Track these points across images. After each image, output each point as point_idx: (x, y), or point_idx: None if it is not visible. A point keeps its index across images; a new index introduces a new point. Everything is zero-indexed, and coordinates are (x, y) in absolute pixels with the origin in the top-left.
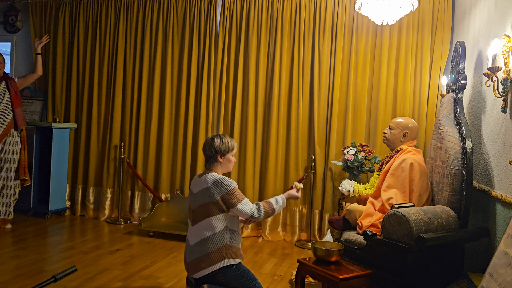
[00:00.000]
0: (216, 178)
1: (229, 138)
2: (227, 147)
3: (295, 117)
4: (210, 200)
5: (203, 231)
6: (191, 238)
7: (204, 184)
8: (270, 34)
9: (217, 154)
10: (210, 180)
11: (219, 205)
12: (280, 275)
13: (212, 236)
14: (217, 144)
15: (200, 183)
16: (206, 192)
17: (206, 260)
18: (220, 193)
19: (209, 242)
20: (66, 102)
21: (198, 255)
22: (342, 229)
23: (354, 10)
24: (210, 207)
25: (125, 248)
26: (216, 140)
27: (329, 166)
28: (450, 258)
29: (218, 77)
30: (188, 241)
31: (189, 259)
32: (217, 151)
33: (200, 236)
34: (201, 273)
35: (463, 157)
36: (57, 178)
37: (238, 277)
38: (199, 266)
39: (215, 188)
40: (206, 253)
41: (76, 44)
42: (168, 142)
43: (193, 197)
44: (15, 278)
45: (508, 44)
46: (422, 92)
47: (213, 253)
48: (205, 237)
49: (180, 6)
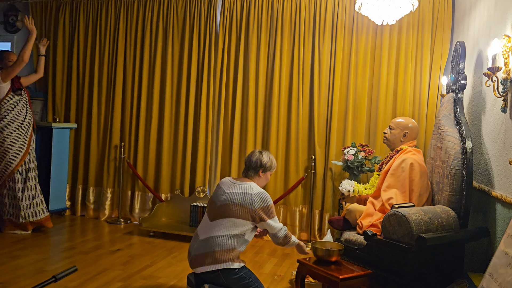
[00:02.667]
0: (260, 190)
1: (273, 158)
2: (271, 166)
3: (295, 117)
4: (247, 205)
5: (220, 228)
6: (203, 233)
7: (248, 189)
8: (270, 34)
9: (261, 169)
10: (255, 189)
11: (253, 214)
12: (280, 275)
13: (226, 236)
14: (265, 160)
15: (238, 186)
16: (248, 197)
17: (211, 258)
18: (260, 205)
19: (221, 241)
20: (66, 102)
21: (205, 250)
22: (342, 229)
23: (354, 10)
24: (243, 210)
25: (125, 248)
26: (265, 156)
27: (329, 166)
28: (450, 258)
29: (218, 77)
30: (198, 235)
31: (195, 253)
32: (262, 166)
33: (214, 232)
34: (203, 269)
35: (463, 157)
36: (57, 178)
37: (240, 279)
38: (203, 262)
39: (257, 198)
40: (213, 250)
41: (76, 44)
42: (168, 142)
43: (224, 195)
44: (15, 278)
45: (508, 44)
46: (422, 92)
47: (220, 252)
48: (219, 235)
49: (180, 6)
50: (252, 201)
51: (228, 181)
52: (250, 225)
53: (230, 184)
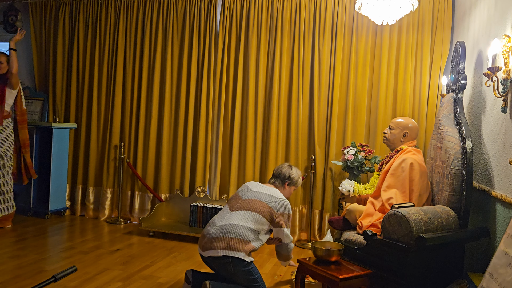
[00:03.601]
0: (284, 197)
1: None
2: (297, 182)
3: (295, 117)
4: (271, 205)
5: (240, 219)
6: (221, 220)
7: (274, 193)
8: (270, 34)
9: (287, 181)
10: (280, 195)
11: (274, 217)
12: (280, 275)
13: (245, 228)
14: (294, 175)
15: (265, 189)
16: (273, 199)
17: (226, 243)
18: (282, 211)
19: (239, 230)
20: (66, 102)
21: (221, 235)
22: (342, 229)
23: (354, 10)
24: (266, 209)
25: (125, 248)
26: (294, 171)
27: (329, 166)
28: (450, 258)
29: (218, 77)
30: (215, 222)
31: (210, 236)
32: (290, 179)
33: (234, 221)
34: (215, 252)
35: (463, 157)
36: (57, 178)
37: (247, 273)
38: (217, 245)
39: (281, 204)
40: (229, 236)
41: (76, 44)
42: (168, 142)
43: (250, 192)
44: (15, 278)
45: (508, 44)
46: (422, 92)
47: (236, 240)
48: (238, 224)
49: (180, 6)
50: (276, 204)
51: (256, 183)
52: (267, 225)
53: (257, 186)
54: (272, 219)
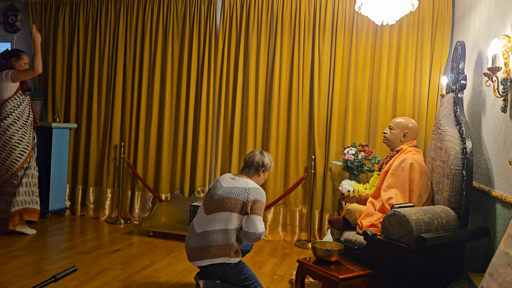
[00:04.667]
0: (257, 186)
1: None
2: (271, 167)
3: (295, 117)
4: (242, 198)
5: (216, 222)
6: (199, 226)
7: (243, 184)
8: (270, 34)
9: (262, 168)
10: (252, 184)
11: (246, 206)
12: (280, 275)
13: (222, 231)
14: (267, 161)
15: (237, 181)
16: (243, 191)
17: (207, 252)
18: (254, 198)
19: (218, 235)
20: (66, 102)
21: (202, 244)
22: (342, 229)
23: (354, 10)
24: (237, 203)
25: (125, 248)
26: (266, 157)
27: (329, 166)
28: (450, 258)
29: (218, 77)
30: (194, 228)
31: (192, 246)
32: (264, 166)
33: (210, 226)
34: (200, 263)
35: (463, 157)
36: (57, 178)
37: (237, 273)
38: (201, 256)
39: (253, 192)
40: (209, 245)
41: (76, 44)
42: (168, 142)
43: (221, 189)
44: (15, 278)
45: (508, 44)
46: (422, 92)
47: (216, 248)
48: (215, 230)
49: (180, 6)
50: (248, 194)
51: (227, 176)
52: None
53: (229, 180)
54: (245, 210)
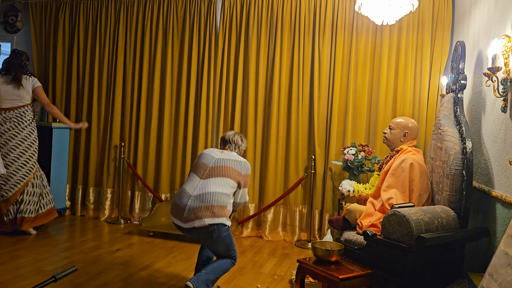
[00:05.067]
0: (244, 160)
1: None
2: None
3: (295, 117)
4: (237, 168)
5: (216, 185)
6: (195, 190)
7: (234, 157)
8: (270, 34)
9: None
10: (241, 158)
11: (240, 179)
12: (280, 275)
13: (223, 194)
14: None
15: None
16: (238, 163)
17: (210, 211)
18: (245, 172)
19: (218, 197)
20: (66, 102)
21: (204, 204)
22: (342, 229)
23: (354, 10)
24: (235, 173)
25: (125, 248)
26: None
27: (329, 166)
28: (450, 258)
29: (218, 77)
30: (187, 192)
31: (191, 206)
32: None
33: (210, 188)
34: (201, 222)
35: (463, 157)
36: (57, 178)
37: (228, 237)
38: (203, 215)
39: (245, 165)
40: (211, 205)
41: (76, 44)
42: (168, 142)
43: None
44: (15, 278)
45: (508, 44)
46: (422, 92)
47: (218, 208)
48: (216, 192)
49: (180, 6)
50: (242, 167)
51: (214, 150)
52: (236, 188)
53: (218, 152)
54: (239, 181)
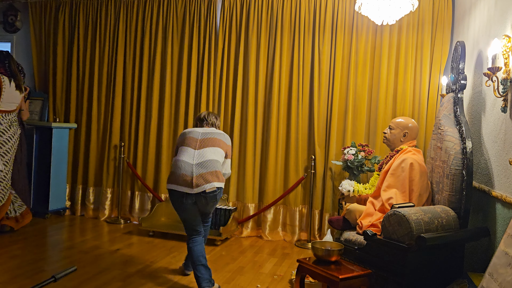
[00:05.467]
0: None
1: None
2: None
3: (295, 117)
4: (224, 140)
5: (211, 153)
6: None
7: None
8: (270, 34)
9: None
10: (224, 132)
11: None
12: (280, 275)
13: (218, 161)
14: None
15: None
16: (222, 135)
17: (216, 176)
18: (229, 143)
19: (216, 164)
20: (66, 102)
21: (210, 169)
22: (342, 229)
23: (354, 10)
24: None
25: (125, 248)
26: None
27: (329, 166)
28: (450, 258)
29: (218, 77)
30: (185, 161)
31: (197, 173)
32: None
33: (208, 156)
34: (211, 186)
35: (463, 157)
36: (57, 178)
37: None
38: (211, 179)
39: (227, 138)
40: (216, 170)
41: (76, 43)
42: (167, 142)
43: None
44: (15, 278)
45: (508, 44)
46: (422, 92)
47: (219, 173)
48: (214, 159)
49: (180, 6)
50: (225, 138)
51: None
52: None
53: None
54: (226, 151)
